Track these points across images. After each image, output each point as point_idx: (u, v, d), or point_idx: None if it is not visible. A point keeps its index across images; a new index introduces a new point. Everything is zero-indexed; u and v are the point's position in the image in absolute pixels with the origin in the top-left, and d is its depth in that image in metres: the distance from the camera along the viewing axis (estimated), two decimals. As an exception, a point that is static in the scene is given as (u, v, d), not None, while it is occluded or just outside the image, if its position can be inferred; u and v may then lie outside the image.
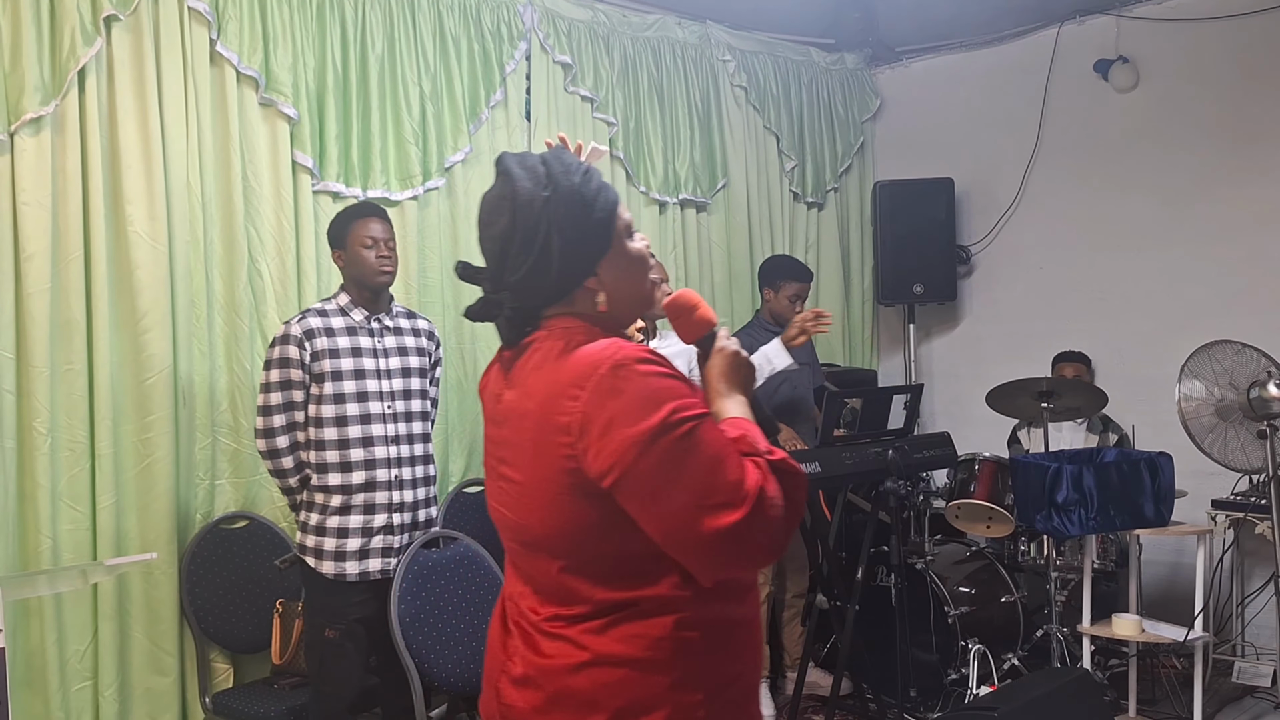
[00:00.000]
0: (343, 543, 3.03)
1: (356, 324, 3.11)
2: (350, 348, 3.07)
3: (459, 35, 4.11)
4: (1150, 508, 3.54)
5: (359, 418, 3.05)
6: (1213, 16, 4.77)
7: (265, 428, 3.06)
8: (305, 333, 3.03)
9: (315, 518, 3.05)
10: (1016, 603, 4.23)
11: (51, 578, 2.70)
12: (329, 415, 3.04)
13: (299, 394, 3.05)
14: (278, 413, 3.05)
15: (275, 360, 3.04)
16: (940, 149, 5.60)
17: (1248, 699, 4.25)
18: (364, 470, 3.05)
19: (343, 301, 3.14)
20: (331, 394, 3.03)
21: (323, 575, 3.03)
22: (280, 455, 3.08)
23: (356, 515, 3.04)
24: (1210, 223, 4.83)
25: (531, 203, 1.49)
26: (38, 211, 3.08)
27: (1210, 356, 3.82)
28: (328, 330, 3.06)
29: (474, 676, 3.19)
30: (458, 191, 4.10)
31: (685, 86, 4.92)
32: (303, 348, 3.03)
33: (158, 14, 3.34)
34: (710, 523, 1.34)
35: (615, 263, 1.53)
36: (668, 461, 1.36)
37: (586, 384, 1.40)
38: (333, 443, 3.04)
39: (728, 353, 1.60)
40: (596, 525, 1.43)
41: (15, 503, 3.07)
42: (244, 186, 3.54)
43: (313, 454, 3.07)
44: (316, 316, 3.08)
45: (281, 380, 3.04)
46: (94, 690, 3.19)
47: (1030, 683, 3.29)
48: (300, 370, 3.04)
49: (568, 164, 1.54)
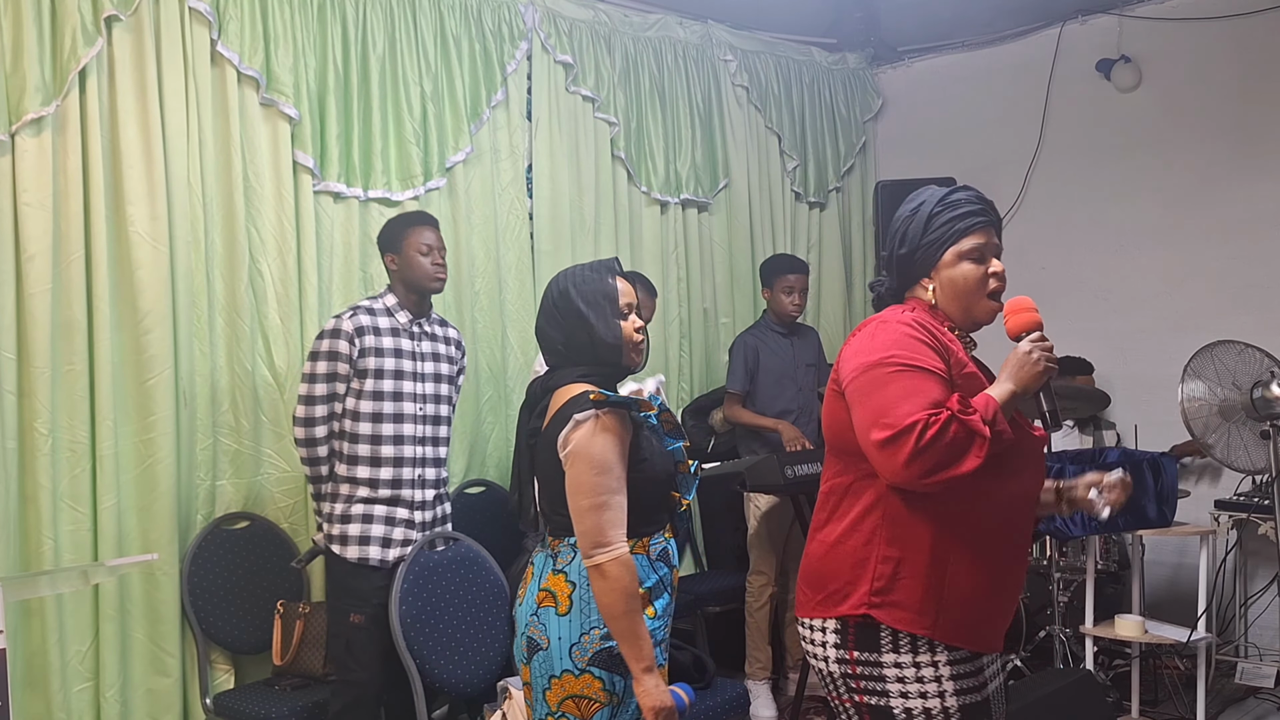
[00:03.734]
0: (367, 528, 3.14)
1: (400, 326, 3.23)
2: (393, 348, 3.19)
3: (460, 35, 4.10)
4: (1153, 508, 3.54)
5: (393, 416, 3.17)
6: (1215, 16, 4.76)
7: (306, 417, 3.15)
8: (357, 329, 3.14)
9: (340, 506, 3.16)
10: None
11: (53, 578, 2.70)
12: (366, 411, 3.14)
13: (342, 387, 3.16)
14: (321, 403, 3.14)
15: (324, 353, 3.13)
16: (942, 149, 5.59)
17: (1250, 700, 4.25)
18: (393, 467, 3.16)
19: (390, 302, 3.24)
20: (371, 391, 3.14)
21: (346, 560, 3.12)
22: (317, 444, 3.17)
23: (381, 506, 3.16)
24: (1213, 222, 4.82)
25: (899, 217, 2.10)
26: (39, 212, 3.08)
27: (1213, 356, 3.81)
28: (375, 329, 3.17)
29: (474, 677, 3.19)
30: (459, 191, 4.09)
31: (687, 86, 4.92)
32: (353, 343, 3.13)
33: (159, 14, 3.34)
34: (874, 434, 1.83)
35: (944, 274, 2.03)
36: (870, 385, 1.88)
37: (863, 328, 2.00)
38: (366, 437, 3.15)
39: (1017, 351, 1.94)
40: (845, 422, 1.97)
41: (17, 503, 3.07)
42: (245, 187, 3.54)
43: (345, 445, 3.17)
44: (366, 315, 3.18)
45: (329, 373, 3.14)
46: (95, 691, 3.18)
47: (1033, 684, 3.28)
48: (347, 365, 3.14)
49: (923, 198, 2.07)
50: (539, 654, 2.11)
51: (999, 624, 2.00)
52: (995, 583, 1.94)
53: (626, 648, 2.03)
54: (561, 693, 2.08)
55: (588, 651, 2.07)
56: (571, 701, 2.08)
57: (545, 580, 2.15)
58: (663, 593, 2.15)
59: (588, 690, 2.07)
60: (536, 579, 2.18)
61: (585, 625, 2.08)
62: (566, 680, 2.08)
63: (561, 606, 2.10)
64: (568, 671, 2.08)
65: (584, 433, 2.04)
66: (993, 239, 2.04)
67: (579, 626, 2.08)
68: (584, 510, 2.04)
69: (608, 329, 2.15)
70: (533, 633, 2.13)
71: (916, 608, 1.88)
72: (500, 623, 3.31)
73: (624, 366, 2.21)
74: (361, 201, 3.82)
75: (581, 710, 2.08)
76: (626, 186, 4.69)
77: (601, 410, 2.05)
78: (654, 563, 2.14)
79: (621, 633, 2.02)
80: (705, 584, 4.44)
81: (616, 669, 2.08)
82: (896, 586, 1.89)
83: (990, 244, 2.03)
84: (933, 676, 1.89)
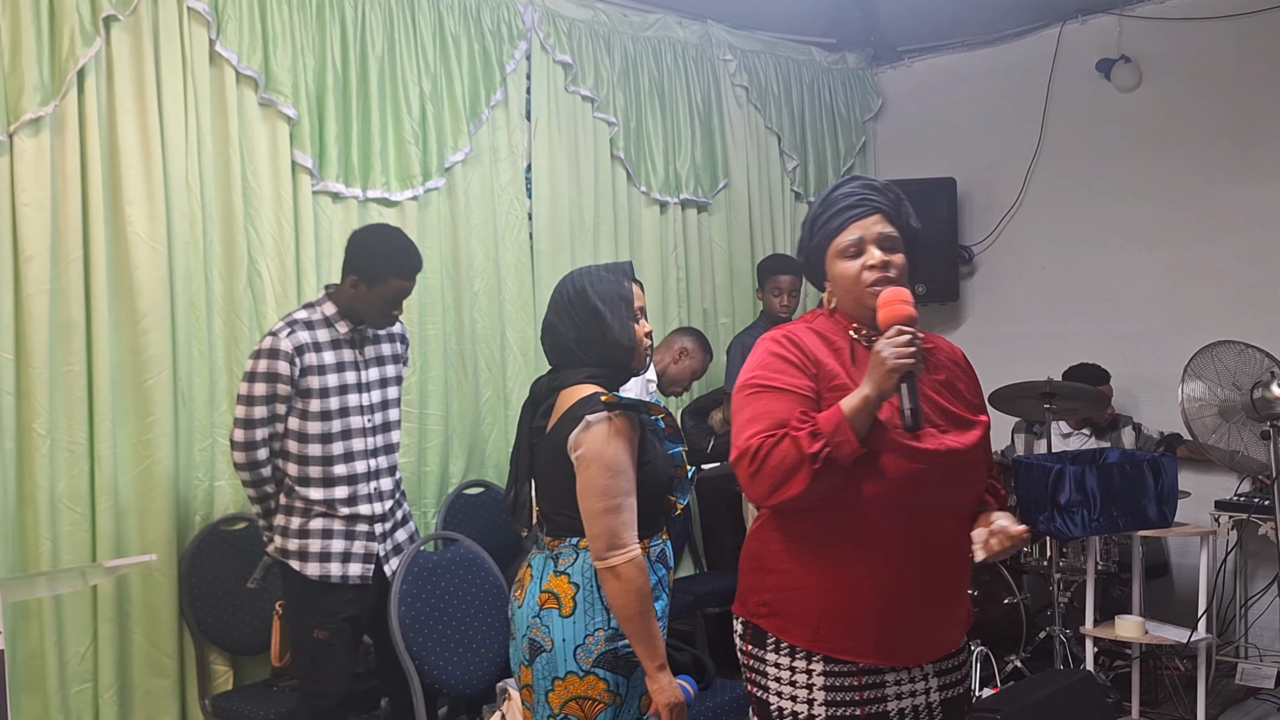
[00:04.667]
0: (327, 544, 3.00)
1: (340, 336, 3.05)
2: (335, 363, 3.02)
3: (459, 35, 4.10)
4: (1153, 509, 3.53)
5: (342, 434, 3.02)
6: (1215, 16, 4.76)
7: (246, 440, 2.97)
8: (296, 348, 2.95)
9: (297, 521, 3.01)
10: (1019, 604, 4.22)
11: (51, 579, 2.68)
12: (314, 432, 2.99)
13: (282, 407, 2.98)
14: (261, 426, 2.96)
15: (262, 374, 2.94)
16: (942, 149, 5.59)
17: (1251, 700, 4.24)
18: (346, 485, 3.02)
19: (329, 311, 3.05)
20: (317, 411, 2.98)
21: (307, 577, 3.00)
22: (259, 466, 3.00)
23: (339, 522, 3.02)
24: (1213, 222, 4.82)
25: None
26: (37, 212, 3.08)
27: (1213, 357, 3.81)
28: (315, 345, 2.99)
29: (474, 678, 3.18)
30: (458, 191, 4.09)
31: (686, 86, 4.91)
32: (293, 364, 2.94)
33: (157, 14, 3.33)
34: (731, 458, 1.91)
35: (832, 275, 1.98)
36: (736, 408, 1.95)
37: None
38: (316, 459, 3.00)
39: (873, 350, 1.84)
40: None
41: (15, 504, 3.07)
42: (244, 187, 3.54)
43: (293, 467, 3.01)
44: (304, 330, 2.99)
45: (268, 394, 2.95)
46: (94, 692, 3.18)
47: (1033, 684, 3.27)
48: (288, 385, 2.96)
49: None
50: (542, 655, 2.11)
51: (899, 637, 1.90)
52: (884, 595, 1.87)
53: (640, 647, 2.06)
54: (565, 694, 2.09)
55: (592, 653, 2.08)
56: (575, 703, 2.09)
57: (547, 582, 2.15)
58: (660, 594, 2.16)
59: (592, 691, 2.08)
60: (536, 581, 2.18)
61: (590, 627, 2.09)
62: (571, 682, 2.09)
63: (565, 608, 2.10)
64: (572, 673, 2.09)
65: (597, 435, 2.05)
66: (875, 228, 1.92)
67: (583, 628, 2.09)
68: (598, 513, 2.04)
69: (623, 330, 2.17)
70: (535, 634, 2.13)
71: (798, 619, 1.92)
72: (499, 624, 3.31)
73: (631, 369, 2.22)
74: (360, 202, 3.82)
75: (585, 711, 2.09)
76: (626, 186, 4.68)
77: (614, 412, 2.06)
78: (653, 564, 2.15)
79: (635, 633, 2.05)
80: (704, 585, 4.43)
81: (621, 670, 2.09)
82: (780, 599, 1.94)
83: (870, 234, 1.92)
84: (805, 683, 1.91)
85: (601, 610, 2.09)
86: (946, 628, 1.98)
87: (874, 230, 1.92)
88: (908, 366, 1.77)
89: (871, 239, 1.91)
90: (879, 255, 1.90)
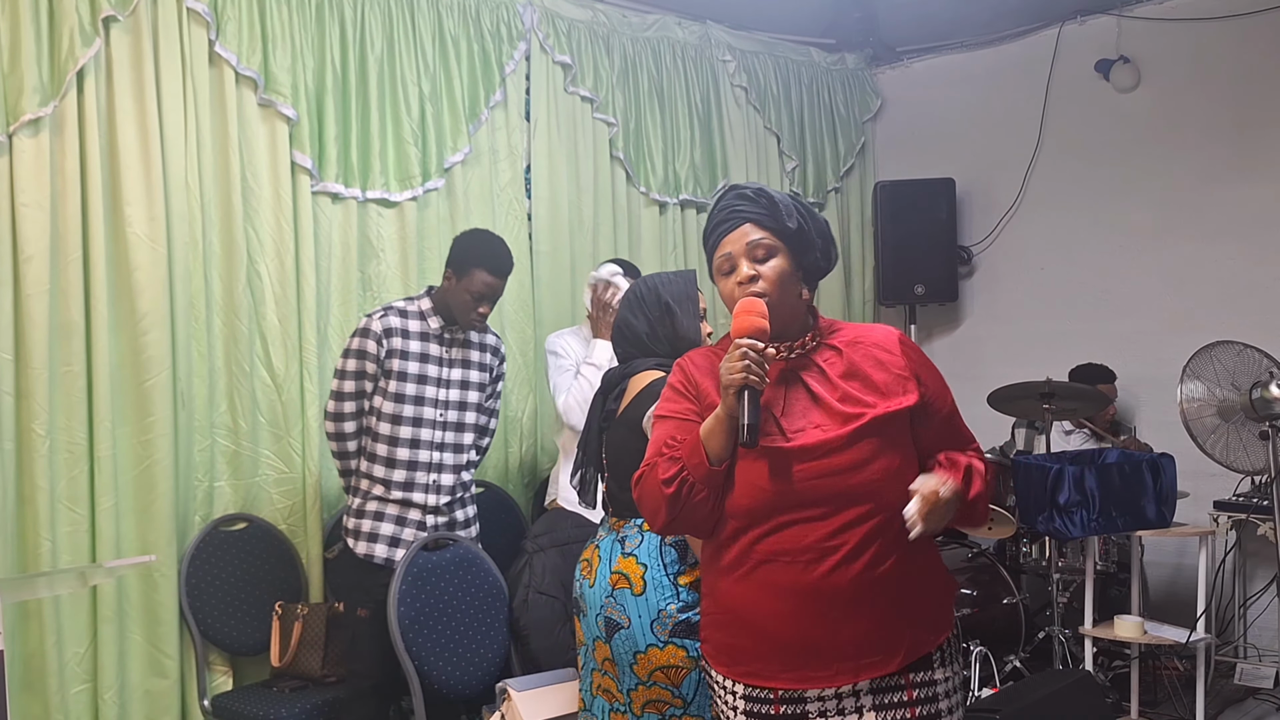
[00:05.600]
0: (377, 526, 3.20)
1: (431, 331, 3.26)
2: (420, 353, 3.23)
3: (458, 35, 4.10)
4: (1152, 509, 3.53)
5: (412, 419, 3.21)
6: (1214, 16, 4.76)
7: (336, 412, 3.23)
8: (385, 330, 3.19)
9: (357, 501, 3.24)
10: (1018, 604, 4.22)
11: (51, 580, 2.69)
12: (387, 411, 3.20)
13: (370, 385, 3.22)
14: (349, 400, 3.22)
15: (354, 351, 3.20)
16: (941, 149, 5.59)
17: (1250, 700, 4.25)
18: (406, 470, 3.21)
19: (425, 306, 3.28)
20: (393, 392, 3.19)
21: (356, 555, 3.20)
22: (346, 439, 3.26)
23: (393, 506, 3.21)
24: (1212, 223, 4.82)
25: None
26: (36, 213, 3.08)
27: (1212, 357, 3.81)
28: (404, 332, 3.21)
29: (474, 678, 3.18)
30: (457, 192, 4.09)
31: (685, 87, 4.91)
32: (380, 344, 3.18)
33: (156, 15, 3.33)
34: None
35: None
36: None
37: None
38: (383, 436, 3.21)
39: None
40: None
41: (14, 505, 3.07)
42: (243, 187, 3.54)
43: (368, 441, 3.25)
44: (397, 316, 3.22)
45: (357, 370, 3.20)
46: (93, 692, 3.18)
47: (1032, 684, 3.28)
48: (375, 364, 3.20)
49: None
50: (620, 633, 2.31)
51: (806, 657, 1.81)
52: (782, 613, 1.81)
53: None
54: (650, 665, 2.28)
55: (667, 625, 2.26)
56: (661, 672, 2.27)
57: (615, 564, 2.35)
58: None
59: (674, 660, 2.26)
60: (605, 562, 2.38)
61: (662, 603, 2.27)
62: (652, 654, 2.27)
63: (636, 588, 2.30)
64: (652, 645, 2.27)
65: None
66: (742, 240, 1.88)
67: (656, 604, 2.27)
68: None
69: (690, 324, 2.44)
70: (611, 613, 2.33)
71: (719, 645, 1.92)
72: (499, 624, 3.31)
73: None
74: (360, 202, 3.82)
75: (671, 678, 2.27)
76: (625, 187, 4.68)
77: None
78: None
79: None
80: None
81: (696, 636, 2.20)
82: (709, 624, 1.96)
83: (739, 248, 1.88)
84: (731, 705, 1.90)
85: (669, 586, 2.27)
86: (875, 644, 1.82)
87: (741, 243, 1.88)
88: (739, 382, 1.73)
89: (740, 252, 1.88)
90: (745, 270, 1.86)
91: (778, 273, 1.87)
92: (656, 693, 2.29)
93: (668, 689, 2.27)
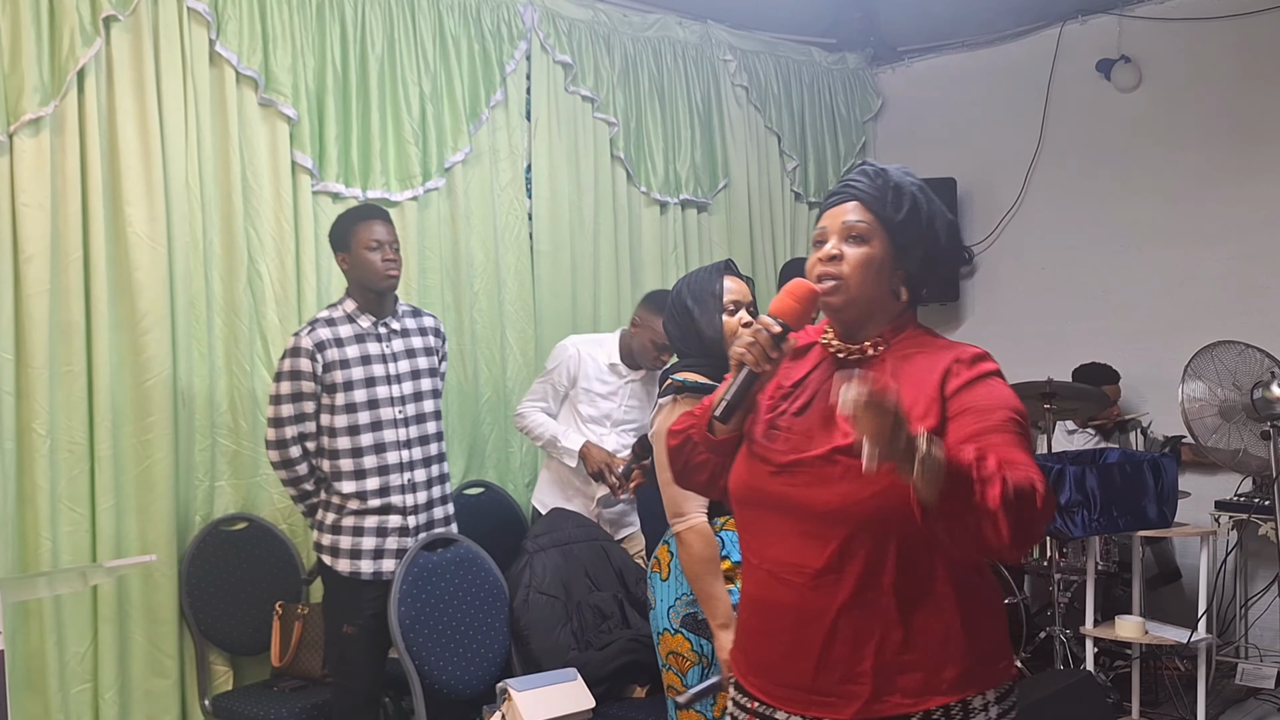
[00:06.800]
0: (358, 541, 3.07)
1: (364, 330, 3.11)
2: (360, 356, 3.08)
3: (459, 35, 4.10)
4: (1153, 509, 3.53)
5: (370, 425, 3.07)
6: (1215, 16, 4.76)
7: (278, 439, 3.06)
8: (316, 345, 3.03)
9: (331, 517, 3.09)
10: (1019, 604, 4.22)
11: (51, 580, 2.69)
12: (341, 425, 3.05)
13: (310, 405, 3.06)
14: (290, 424, 3.05)
15: (286, 373, 3.04)
16: (942, 149, 5.58)
17: (1251, 700, 4.24)
18: (378, 476, 3.08)
19: (349, 308, 3.12)
20: (344, 404, 3.05)
21: (338, 573, 3.07)
22: (294, 464, 3.09)
23: (371, 517, 3.08)
24: (1213, 222, 4.82)
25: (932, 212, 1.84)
26: (37, 213, 3.08)
27: (1213, 357, 3.81)
28: (337, 340, 3.06)
29: (474, 678, 3.18)
30: (458, 192, 4.09)
31: (686, 86, 4.91)
32: (314, 360, 3.02)
33: (157, 14, 3.33)
34: None
35: None
36: None
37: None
38: (346, 451, 3.06)
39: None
40: None
41: (15, 505, 3.07)
42: (243, 187, 3.54)
43: (325, 462, 3.09)
44: (325, 327, 3.07)
45: (293, 392, 3.04)
46: (94, 692, 3.18)
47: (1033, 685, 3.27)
48: (312, 382, 3.04)
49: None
50: (650, 612, 2.42)
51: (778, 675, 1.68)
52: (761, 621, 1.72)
53: (704, 607, 2.24)
54: (665, 648, 2.36)
55: (679, 613, 2.33)
56: (672, 656, 2.35)
57: (658, 549, 2.45)
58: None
59: (680, 648, 2.33)
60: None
61: (679, 590, 2.34)
62: (665, 637, 2.36)
63: (664, 573, 2.39)
64: (666, 629, 2.36)
65: (663, 415, 2.28)
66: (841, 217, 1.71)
67: (674, 591, 2.35)
68: (664, 484, 2.24)
69: (709, 323, 2.36)
70: (648, 594, 2.44)
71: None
72: (500, 624, 3.31)
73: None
74: (360, 202, 3.82)
75: (678, 665, 2.33)
76: (626, 187, 4.68)
77: (679, 395, 2.27)
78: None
79: (699, 594, 2.25)
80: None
81: (701, 632, 2.29)
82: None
83: (835, 224, 1.71)
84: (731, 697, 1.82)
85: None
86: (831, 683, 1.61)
87: (839, 220, 1.69)
88: (737, 358, 1.65)
89: (835, 229, 1.69)
90: (829, 248, 1.68)
91: (864, 259, 1.66)
92: (670, 677, 2.36)
93: (677, 675, 2.33)
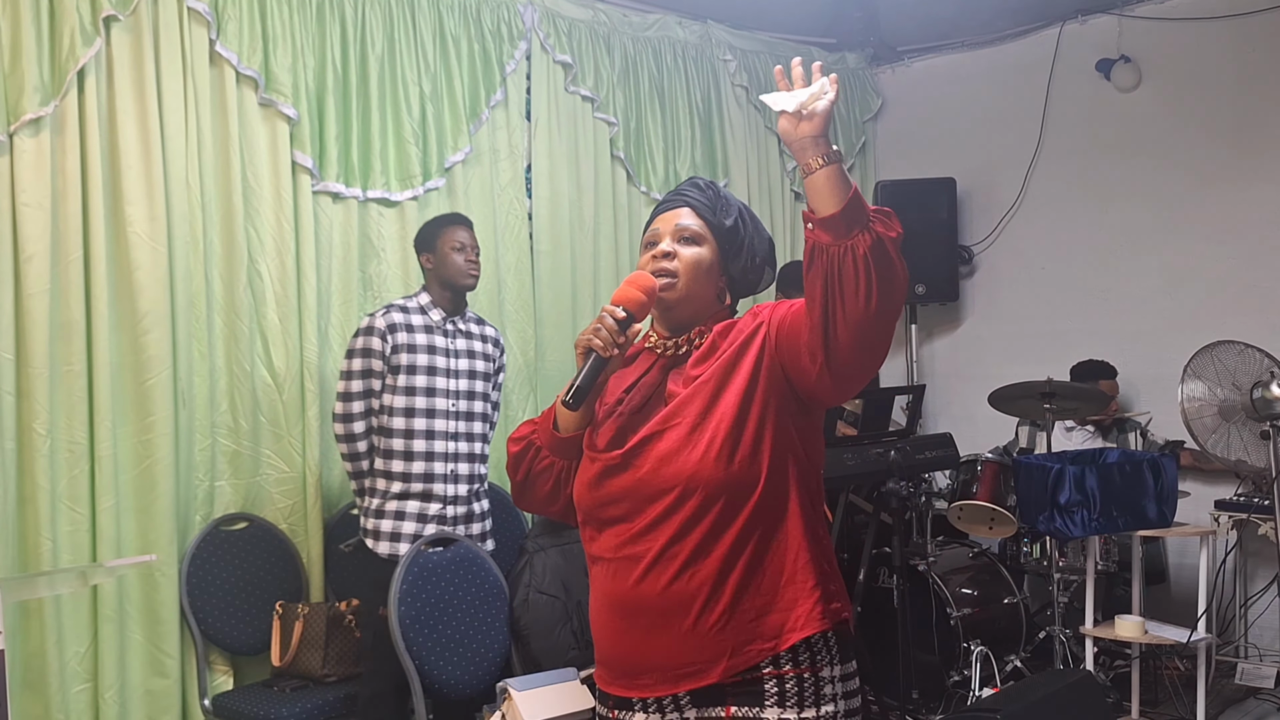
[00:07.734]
0: (398, 524, 3.23)
1: (434, 323, 3.31)
2: (426, 345, 3.28)
3: (459, 35, 4.10)
4: (1153, 509, 3.53)
5: (425, 411, 3.25)
6: (1215, 16, 4.76)
7: (345, 413, 3.26)
8: (389, 326, 3.24)
9: (375, 501, 3.26)
10: (1019, 604, 4.22)
11: (51, 579, 2.69)
12: (399, 406, 3.23)
13: (378, 383, 3.26)
14: (358, 399, 3.25)
15: (359, 350, 3.25)
16: (942, 149, 5.59)
17: (1250, 700, 4.24)
18: (424, 461, 3.24)
19: (424, 301, 3.33)
20: (404, 386, 3.23)
21: (378, 555, 3.21)
22: (356, 439, 3.27)
23: (414, 501, 3.24)
24: (1213, 222, 4.82)
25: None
26: (37, 212, 3.08)
27: (1213, 357, 3.81)
28: (408, 326, 3.27)
29: (474, 678, 3.18)
30: (458, 192, 4.09)
31: (686, 86, 4.91)
32: (385, 340, 3.23)
33: (157, 14, 3.33)
34: None
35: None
36: None
37: None
38: (399, 431, 3.24)
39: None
40: None
41: (15, 504, 3.07)
42: (244, 187, 3.54)
43: (381, 440, 3.27)
44: (399, 312, 3.28)
45: (364, 369, 3.25)
46: (94, 692, 3.18)
47: (1033, 684, 3.27)
48: (381, 361, 3.24)
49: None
50: None
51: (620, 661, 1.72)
52: (603, 612, 1.74)
53: None
54: None
55: None
56: None
57: None
58: None
59: None
60: None
61: None
62: None
63: None
64: None
65: None
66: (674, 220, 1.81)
67: None
68: None
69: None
70: None
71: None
72: (500, 624, 3.31)
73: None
74: (360, 202, 3.82)
75: None
76: (626, 186, 4.69)
77: None
78: None
79: None
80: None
81: None
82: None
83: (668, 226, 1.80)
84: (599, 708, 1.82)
85: None
86: (691, 654, 1.64)
87: (672, 223, 1.79)
88: (584, 344, 1.68)
89: (667, 230, 1.79)
90: (663, 245, 1.77)
91: (696, 258, 1.77)
92: None
93: None
